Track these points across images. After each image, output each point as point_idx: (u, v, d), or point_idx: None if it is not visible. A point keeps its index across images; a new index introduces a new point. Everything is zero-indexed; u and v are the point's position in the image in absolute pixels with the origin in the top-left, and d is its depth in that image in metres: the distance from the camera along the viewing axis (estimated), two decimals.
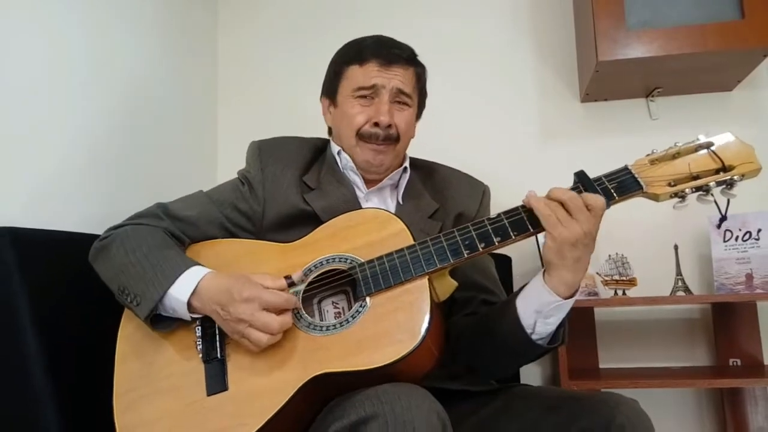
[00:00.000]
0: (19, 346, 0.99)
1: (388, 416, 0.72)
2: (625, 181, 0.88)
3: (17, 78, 1.16)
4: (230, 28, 2.06)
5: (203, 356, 0.93)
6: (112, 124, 1.44)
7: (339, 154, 1.15)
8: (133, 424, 0.91)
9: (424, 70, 1.19)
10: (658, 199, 0.88)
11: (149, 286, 0.93)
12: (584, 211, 0.84)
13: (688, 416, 1.71)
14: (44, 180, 1.21)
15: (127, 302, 0.95)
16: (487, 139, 1.86)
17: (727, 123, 1.77)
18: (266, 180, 1.11)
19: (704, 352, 1.71)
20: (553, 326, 0.91)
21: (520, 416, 0.92)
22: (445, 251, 0.90)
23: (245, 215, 1.10)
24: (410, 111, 1.14)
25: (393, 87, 1.10)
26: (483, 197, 1.18)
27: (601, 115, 1.84)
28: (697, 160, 0.87)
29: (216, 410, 0.88)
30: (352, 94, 1.12)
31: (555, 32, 1.89)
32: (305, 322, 0.91)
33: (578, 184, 0.90)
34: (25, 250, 1.03)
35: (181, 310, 0.93)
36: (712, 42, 1.51)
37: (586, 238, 0.84)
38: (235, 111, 2.01)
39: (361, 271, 0.92)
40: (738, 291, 1.53)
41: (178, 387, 0.92)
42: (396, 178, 1.16)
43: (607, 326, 1.72)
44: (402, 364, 0.82)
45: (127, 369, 0.96)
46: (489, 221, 0.91)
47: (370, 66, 1.11)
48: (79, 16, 1.34)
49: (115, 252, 0.99)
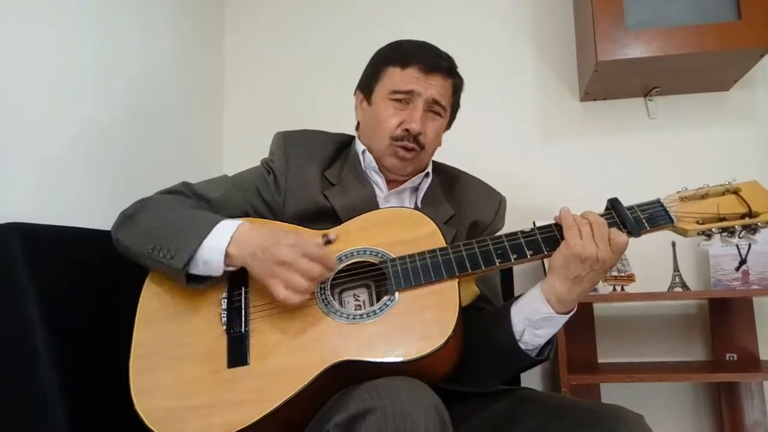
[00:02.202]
0: (27, 339, 0.98)
1: (386, 409, 0.72)
2: (656, 212, 0.91)
3: (24, 74, 1.16)
4: (236, 24, 2.07)
5: (227, 328, 0.92)
6: (119, 121, 1.45)
7: (363, 153, 1.14)
8: (149, 386, 0.90)
9: (461, 82, 1.19)
10: (686, 234, 0.91)
11: (184, 238, 0.92)
12: (606, 241, 0.86)
13: (684, 410, 1.73)
14: (51, 176, 1.22)
15: (160, 258, 0.93)
16: (487, 138, 1.88)
17: (724, 122, 1.79)
18: (289, 171, 1.10)
19: (701, 347, 1.73)
20: (541, 339, 0.91)
21: (523, 422, 0.91)
22: (477, 257, 0.91)
23: (267, 204, 1.10)
24: (441, 122, 1.14)
25: (429, 96, 1.09)
26: (499, 207, 1.19)
27: (600, 114, 1.85)
28: (725, 203, 0.90)
29: (235, 382, 0.87)
30: (388, 96, 1.11)
31: (555, 32, 1.90)
32: (332, 308, 0.91)
33: (610, 211, 0.92)
34: (32, 246, 1.02)
35: (216, 261, 0.91)
36: (709, 42, 1.53)
37: (597, 264, 0.86)
38: (241, 107, 2.02)
39: (392, 266, 0.92)
40: (734, 287, 1.55)
41: (198, 355, 0.91)
42: (417, 182, 1.16)
43: (605, 321, 1.74)
44: (426, 360, 0.82)
45: (146, 333, 0.95)
46: (523, 234, 0.92)
47: (410, 71, 1.09)
48: (86, 13, 1.35)
49: (145, 217, 0.99)
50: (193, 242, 0.91)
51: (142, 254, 0.96)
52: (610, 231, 0.87)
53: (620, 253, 0.88)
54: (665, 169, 1.78)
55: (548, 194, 1.79)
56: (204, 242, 0.91)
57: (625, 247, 0.88)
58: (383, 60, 1.14)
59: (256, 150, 1.19)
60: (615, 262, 0.88)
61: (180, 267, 0.91)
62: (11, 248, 1.01)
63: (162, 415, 0.86)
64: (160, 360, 0.92)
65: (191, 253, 0.91)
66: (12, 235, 1.01)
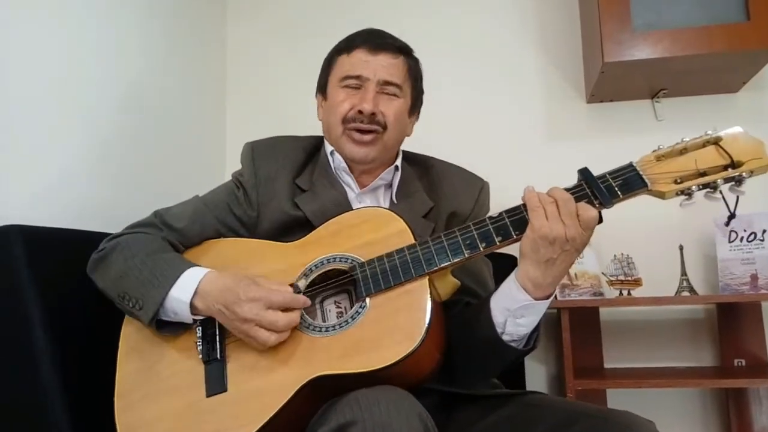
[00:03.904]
0: (28, 340, 0.99)
1: (366, 422, 0.71)
2: (629, 178, 0.85)
3: (27, 76, 1.17)
4: (239, 24, 2.06)
5: (203, 357, 0.93)
6: (121, 122, 1.45)
7: (332, 154, 1.12)
8: (134, 424, 0.91)
9: (417, 62, 1.15)
10: (663, 196, 0.84)
11: (150, 289, 0.92)
12: (574, 217, 0.82)
13: (692, 416, 1.71)
14: (53, 178, 1.22)
15: (129, 307, 0.95)
16: (494, 140, 1.87)
17: (732, 124, 1.75)
18: (259, 185, 1.08)
19: (708, 352, 1.71)
20: (525, 328, 0.88)
21: (531, 427, 0.88)
22: (446, 251, 0.88)
23: (240, 220, 1.08)
24: (400, 102, 1.09)
25: (380, 78, 1.07)
26: (480, 194, 1.14)
27: (607, 115, 1.84)
28: (705, 156, 0.83)
29: (215, 411, 0.88)
30: (339, 84, 1.10)
31: (561, 33, 1.89)
32: (305, 323, 0.90)
33: (581, 182, 0.87)
34: (33, 247, 1.03)
35: (183, 312, 0.92)
36: (717, 43, 1.51)
37: (567, 243, 0.82)
38: (244, 108, 2.02)
39: (362, 272, 0.90)
40: (743, 291, 1.53)
41: (178, 387, 0.92)
42: (388, 177, 1.13)
43: (612, 326, 1.73)
44: (401, 366, 0.81)
45: (128, 369, 0.97)
46: (491, 220, 0.89)
47: (357, 54, 1.08)
48: (87, 15, 1.35)
49: (113, 260, 0.99)
50: (157, 294, 0.92)
51: (114, 301, 0.98)
52: (578, 206, 0.83)
53: (591, 229, 0.83)
54: None
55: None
56: (169, 294, 0.92)
57: (595, 222, 0.83)
58: (332, 52, 1.15)
59: None
60: (587, 239, 0.84)
61: (147, 321, 0.93)
62: (13, 249, 1.02)
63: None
64: (142, 395, 0.93)
65: (157, 305, 0.91)
66: (14, 237, 1.02)
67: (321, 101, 1.18)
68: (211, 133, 1.95)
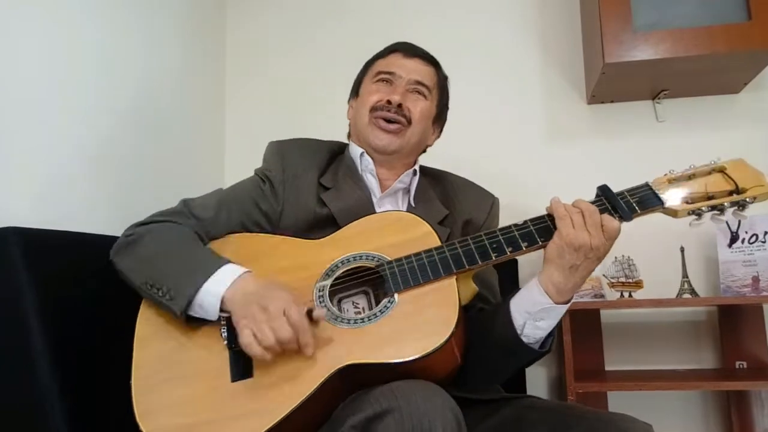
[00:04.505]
0: (26, 343, 0.99)
1: (403, 410, 0.72)
2: (646, 196, 0.92)
3: (27, 79, 1.16)
4: (238, 27, 2.06)
5: (228, 343, 0.92)
6: (120, 124, 1.44)
7: (362, 156, 1.15)
8: (154, 407, 0.89)
9: (446, 79, 1.22)
10: (676, 215, 0.92)
11: (183, 279, 0.91)
12: (599, 227, 0.87)
13: (693, 419, 1.70)
14: (52, 180, 1.22)
15: (158, 296, 0.93)
16: (494, 141, 1.86)
17: (733, 125, 1.76)
18: (287, 181, 1.10)
19: (710, 354, 1.71)
20: (543, 332, 0.91)
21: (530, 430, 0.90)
22: (473, 253, 0.92)
23: (265, 215, 1.09)
24: (427, 103, 1.15)
25: (411, 78, 1.14)
26: (491, 208, 1.19)
27: (608, 116, 1.83)
28: (713, 182, 0.92)
29: (240, 396, 0.87)
30: (371, 80, 1.16)
31: (562, 34, 1.89)
32: (332, 315, 0.91)
33: (601, 198, 0.92)
34: (32, 250, 1.03)
35: (211, 306, 0.91)
36: (719, 44, 1.50)
37: (591, 252, 0.87)
38: (243, 110, 2.02)
39: (390, 269, 0.93)
40: (744, 293, 1.52)
41: (201, 372, 0.91)
42: (407, 180, 1.16)
43: (613, 328, 1.72)
44: (428, 360, 0.83)
45: (148, 353, 0.95)
46: (516, 227, 0.93)
47: (392, 56, 1.17)
48: (88, 19, 1.35)
49: (144, 246, 0.98)
50: (192, 287, 0.90)
51: (139, 288, 0.96)
52: (602, 217, 0.88)
53: (613, 240, 0.88)
54: None
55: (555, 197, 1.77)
56: (203, 287, 0.91)
57: (618, 233, 0.88)
58: (369, 61, 1.22)
59: (258, 154, 1.18)
60: (609, 248, 0.89)
61: (178, 311, 0.91)
62: (11, 252, 1.01)
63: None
64: (162, 379, 0.92)
65: (190, 298, 0.90)
66: (12, 239, 1.02)
67: (353, 102, 1.22)
68: (210, 135, 1.94)
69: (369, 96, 1.14)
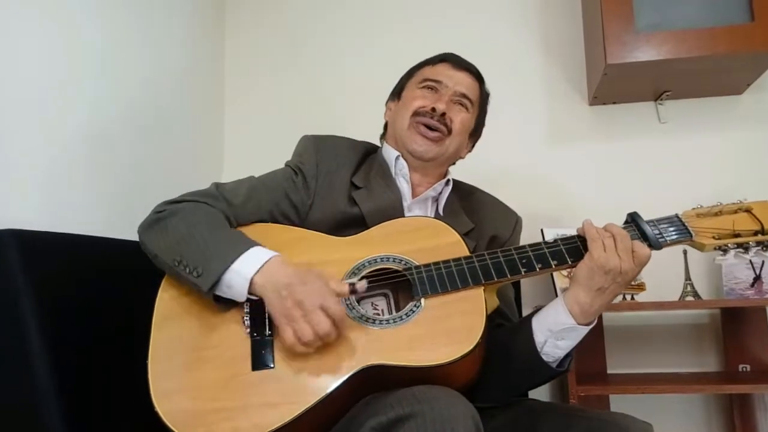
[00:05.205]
0: (23, 345, 0.98)
1: (426, 415, 0.72)
2: (677, 227, 0.94)
3: (25, 78, 1.16)
4: (238, 27, 2.06)
5: (251, 331, 0.91)
6: (120, 126, 1.44)
7: (397, 159, 1.15)
8: (170, 389, 0.88)
9: (488, 94, 1.24)
10: (703, 249, 0.94)
11: (213, 257, 0.90)
12: (629, 253, 0.88)
13: (696, 422, 1.69)
14: (50, 182, 1.21)
15: (186, 273, 0.91)
16: (496, 142, 1.83)
17: (736, 127, 1.76)
18: (320, 175, 1.10)
19: (713, 357, 1.70)
20: (562, 351, 0.92)
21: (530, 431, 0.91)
22: (502, 267, 0.92)
23: (294, 207, 1.08)
24: (467, 116, 1.16)
25: (456, 89, 1.15)
26: (516, 226, 1.20)
27: (610, 118, 1.83)
28: (739, 220, 0.95)
29: (261, 385, 0.86)
30: (417, 85, 1.16)
31: (564, 35, 1.88)
32: (357, 314, 0.91)
33: (631, 224, 0.94)
34: (30, 252, 1.02)
35: (239, 287, 0.89)
36: (721, 45, 1.50)
37: (620, 276, 0.87)
38: (242, 112, 2.01)
39: (417, 273, 0.93)
40: (747, 296, 1.52)
41: (220, 358, 0.89)
42: (438, 189, 1.16)
43: (615, 331, 1.71)
44: (452, 367, 0.83)
45: (164, 336, 0.93)
46: (546, 245, 0.94)
47: (441, 66, 1.18)
48: (87, 18, 1.34)
49: (175, 224, 0.97)
50: (220, 265, 0.89)
51: (166, 264, 0.95)
52: (633, 243, 0.89)
53: (642, 266, 0.89)
54: (676, 175, 1.75)
55: (557, 199, 1.77)
56: (231, 267, 0.90)
57: (648, 260, 0.89)
58: (415, 66, 1.22)
59: (257, 153, 1.18)
60: (637, 274, 0.90)
61: (206, 290, 0.90)
62: (9, 254, 1.01)
63: (184, 418, 0.85)
64: (180, 362, 0.91)
65: (218, 275, 0.89)
66: (9, 241, 1.01)
67: (392, 105, 1.23)
68: (209, 136, 1.94)
69: (413, 101, 1.14)
